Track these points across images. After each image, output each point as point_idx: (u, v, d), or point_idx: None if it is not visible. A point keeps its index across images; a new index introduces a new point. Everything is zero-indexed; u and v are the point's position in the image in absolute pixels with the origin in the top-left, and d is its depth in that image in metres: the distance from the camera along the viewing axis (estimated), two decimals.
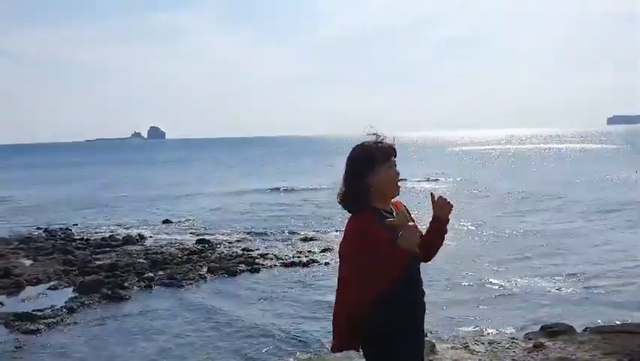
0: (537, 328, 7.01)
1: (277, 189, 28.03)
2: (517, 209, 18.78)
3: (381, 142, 2.79)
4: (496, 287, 9.28)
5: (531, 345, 6.07)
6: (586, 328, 7.03)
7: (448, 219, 2.82)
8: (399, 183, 2.81)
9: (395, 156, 2.80)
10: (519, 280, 10.00)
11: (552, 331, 6.59)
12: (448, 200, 2.81)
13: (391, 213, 2.76)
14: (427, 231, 2.83)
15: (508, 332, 6.84)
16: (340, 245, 2.73)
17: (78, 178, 41.35)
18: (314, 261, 11.93)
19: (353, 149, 2.84)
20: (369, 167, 2.73)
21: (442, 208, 2.78)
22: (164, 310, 9.03)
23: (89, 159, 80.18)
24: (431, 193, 2.86)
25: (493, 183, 26.71)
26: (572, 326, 6.88)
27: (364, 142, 2.80)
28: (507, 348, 6.06)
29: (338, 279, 2.70)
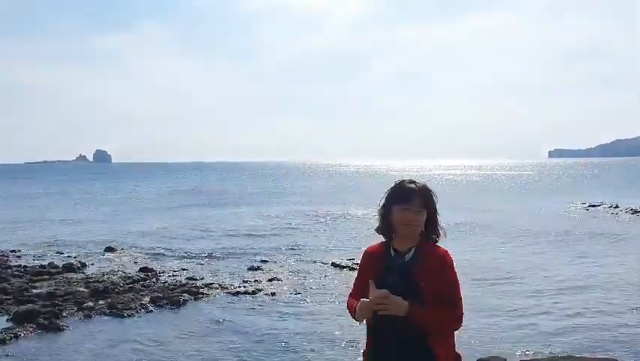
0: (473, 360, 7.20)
1: (233, 231, 27.78)
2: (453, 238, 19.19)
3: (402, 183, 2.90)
4: None
5: None
6: (521, 360, 7.27)
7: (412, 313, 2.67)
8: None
9: (412, 201, 2.82)
10: None
11: None
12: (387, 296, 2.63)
13: (404, 253, 2.84)
14: None
15: None
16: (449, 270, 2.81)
17: (15, 200, 40.02)
18: (259, 290, 11.88)
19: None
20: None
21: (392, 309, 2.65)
22: (103, 342, 8.80)
23: (28, 182, 77.57)
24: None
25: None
26: (505, 359, 7.10)
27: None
28: None
29: (458, 298, 2.83)
